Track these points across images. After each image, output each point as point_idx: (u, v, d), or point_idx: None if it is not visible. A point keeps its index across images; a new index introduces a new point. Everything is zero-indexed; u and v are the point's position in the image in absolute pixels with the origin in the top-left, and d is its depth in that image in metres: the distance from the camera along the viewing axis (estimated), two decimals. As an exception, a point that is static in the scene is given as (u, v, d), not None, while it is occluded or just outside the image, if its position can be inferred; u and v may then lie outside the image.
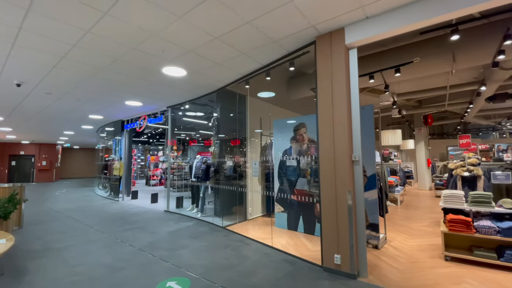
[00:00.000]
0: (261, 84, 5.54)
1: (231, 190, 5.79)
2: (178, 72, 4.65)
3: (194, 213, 6.78)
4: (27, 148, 18.49)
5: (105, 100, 6.61)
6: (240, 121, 6.42)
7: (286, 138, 5.29)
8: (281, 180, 5.29)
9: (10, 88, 5.42)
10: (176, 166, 12.83)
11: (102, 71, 4.58)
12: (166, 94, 6.14)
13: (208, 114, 10.95)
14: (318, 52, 3.46)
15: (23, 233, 4.98)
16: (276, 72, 4.80)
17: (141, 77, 4.89)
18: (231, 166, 5.14)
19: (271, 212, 6.34)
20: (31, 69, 4.45)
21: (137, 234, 4.92)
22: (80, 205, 8.34)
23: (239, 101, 6.23)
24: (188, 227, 5.43)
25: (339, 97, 3.21)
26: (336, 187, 3.17)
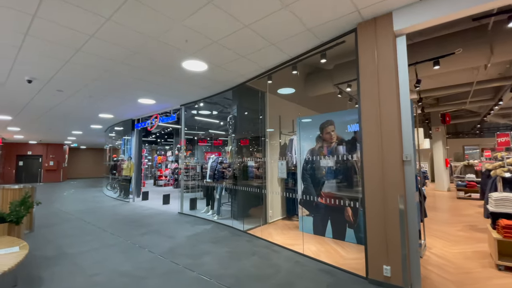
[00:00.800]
0: (280, 80, 5.24)
1: (250, 191, 5.48)
2: (199, 67, 4.35)
3: (210, 216, 6.49)
4: (34, 148, 18.40)
5: (118, 97, 6.35)
6: (258, 119, 6.11)
7: (311, 136, 4.96)
8: (306, 181, 4.96)
9: (21, 84, 5.18)
10: (185, 166, 12.57)
11: (119, 66, 4.30)
12: (182, 91, 5.85)
13: (220, 113, 10.67)
14: (360, 41, 3.13)
15: (34, 237, 4.73)
16: (295, 67, 4.48)
17: (159, 72, 4.61)
18: (252, 167, 4.85)
19: (291, 215, 6.02)
20: (43, 64, 4.19)
21: (154, 238, 4.63)
22: (90, 206, 8.10)
23: (257, 98, 5.92)
24: (207, 230, 5.13)
25: (387, 90, 2.88)
26: (385, 190, 2.84)
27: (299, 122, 5.23)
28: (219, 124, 13.25)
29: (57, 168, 19.04)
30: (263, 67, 4.47)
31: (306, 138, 5.06)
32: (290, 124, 6.63)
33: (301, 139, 5.15)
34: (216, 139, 18.02)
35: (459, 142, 15.60)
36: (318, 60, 4.70)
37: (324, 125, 4.79)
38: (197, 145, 18.12)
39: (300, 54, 3.98)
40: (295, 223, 5.60)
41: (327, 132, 4.73)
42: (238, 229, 5.16)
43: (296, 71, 4.46)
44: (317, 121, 4.94)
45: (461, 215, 6.47)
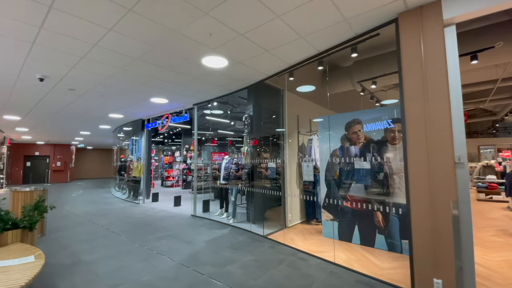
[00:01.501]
0: (296, 78, 5.01)
1: (267, 194, 5.23)
2: (219, 63, 4.12)
3: (225, 219, 6.26)
4: (42, 148, 18.36)
5: (130, 97, 6.14)
6: (276, 119, 5.87)
7: (335, 136, 4.70)
8: (330, 184, 4.70)
9: (32, 83, 4.99)
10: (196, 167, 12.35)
11: (135, 63, 4.08)
12: (197, 90, 5.62)
13: (230, 113, 10.45)
14: (402, 32, 2.87)
15: (47, 242, 4.54)
16: (314, 65, 4.22)
17: (176, 69, 4.38)
18: (273, 168, 4.60)
19: (311, 219, 5.76)
20: (57, 60, 3.98)
21: (172, 244, 4.41)
22: (100, 208, 7.92)
23: (275, 96, 5.68)
24: (225, 235, 4.90)
25: (436, 85, 2.61)
26: (433, 195, 2.58)
27: (321, 121, 4.98)
28: (228, 124, 13.06)
29: (64, 169, 18.99)
30: (286, 63, 4.22)
31: (329, 138, 4.80)
32: (307, 123, 6.38)
33: (323, 139, 4.89)
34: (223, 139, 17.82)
35: (474, 142, 15.18)
36: (336, 57, 4.46)
37: (351, 124, 4.52)
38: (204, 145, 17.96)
39: (329, 49, 3.72)
40: (315, 228, 5.34)
41: (354, 131, 4.47)
42: (258, 233, 4.92)
43: (321, 67, 4.22)
44: (342, 119, 4.67)
45: (488, 219, 6.16)
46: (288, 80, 4.62)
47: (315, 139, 5.71)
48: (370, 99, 6.44)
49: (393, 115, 4.08)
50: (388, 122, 4.12)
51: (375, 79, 5.19)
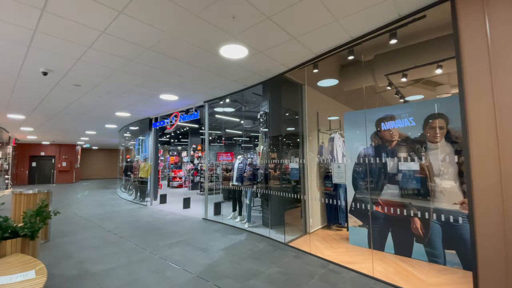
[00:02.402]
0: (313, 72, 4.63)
1: (286, 196, 4.83)
2: (238, 53, 3.72)
3: (239, 223, 5.87)
4: (47, 149, 18.20)
5: (138, 93, 5.79)
6: (294, 116, 5.47)
7: (364, 134, 4.28)
8: (359, 187, 4.28)
9: (35, 78, 4.66)
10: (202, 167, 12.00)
11: (146, 53, 3.71)
12: (210, 85, 5.24)
13: (238, 112, 10.07)
14: (461, 12, 2.44)
15: (51, 249, 4.19)
16: (331, 58, 3.83)
17: (191, 61, 4.00)
18: (296, 169, 4.19)
19: (332, 223, 5.34)
20: (60, 51, 3.63)
21: (186, 252, 4.03)
22: (107, 211, 7.59)
23: (294, 91, 5.27)
24: (242, 242, 4.51)
25: (506, 73, 2.19)
26: (508, 199, 2.15)
27: (348, 118, 4.56)
28: (236, 123, 12.68)
29: (70, 169, 18.81)
30: (312, 53, 3.81)
31: (356, 136, 4.38)
32: (326, 120, 5.96)
33: (350, 138, 4.47)
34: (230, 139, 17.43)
35: None
36: (356, 50, 4.06)
37: (382, 120, 4.09)
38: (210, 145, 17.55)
39: (363, 35, 3.31)
40: (339, 234, 4.93)
41: (387, 129, 4.04)
42: (278, 240, 4.51)
43: (352, 56, 3.81)
44: (371, 115, 4.25)
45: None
46: (308, 73, 4.22)
47: (337, 138, 5.29)
48: (396, 94, 5.99)
49: (434, 109, 3.65)
50: (409, 120, 3.69)
51: (405, 71, 4.75)
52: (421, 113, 3.76)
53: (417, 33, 4.32)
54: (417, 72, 4.98)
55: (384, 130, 4.06)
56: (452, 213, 3.39)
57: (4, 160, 13.06)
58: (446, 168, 3.56)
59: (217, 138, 18.15)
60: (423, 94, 7.25)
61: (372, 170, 4.18)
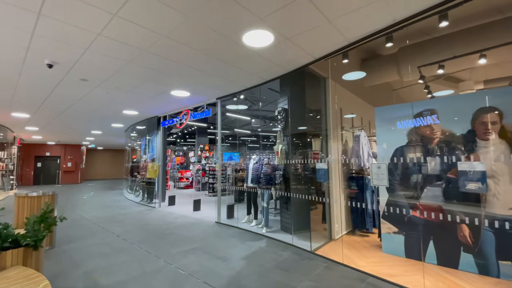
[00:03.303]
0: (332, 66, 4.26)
1: (310, 199, 4.43)
2: (263, 40, 3.34)
3: (254, 227, 5.49)
4: (52, 149, 18.00)
5: (149, 89, 5.44)
6: (316, 112, 5.08)
7: (398, 131, 3.87)
8: (393, 189, 3.88)
9: (40, 71, 4.33)
10: (210, 168, 11.65)
11: (160, 42, 3.35)
12: (227, 79, 4.87)
13: (248, 110, 9.71)
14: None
15: (56, 257, 3.84)
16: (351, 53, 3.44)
17: (209, 50, 3.63)
18: (324, 170, 3.78)
19: (358, 229, 4.93)
20: (67, 39, 3.29)
21: (203, 260, 3.66)
22: (114, 213, 7.26)
23: (316, 85, 4.89)
24: (264, 250, 4.12)
25: None
26: None
27: (380, 113, 4.16)
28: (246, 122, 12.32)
29: (75, 170, 18.60)
30: (346, 39, 3.41)
31: (390, 133, 3.97)
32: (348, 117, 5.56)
33: (383, 135, 4.06)
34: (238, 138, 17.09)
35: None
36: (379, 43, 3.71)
37: (421, 114, 3.68)
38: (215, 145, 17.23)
39: (409, 17, 2.91)
40: (367, 240, 4.52)
41: (427, 124, 3.63)
42: (303, 248, 4.12)
43: (391, 43, 3.41)
44: (406, 111, 3.84)
45: None
46: (331, 66, 3.84)
47: (362, 136, 4.90)
48: (425, 88, 5.57)
49: (485, 103, 3.24)
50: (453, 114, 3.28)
51: (442, 62, 4.33)
52: (468, 106, 3.35)
53: (458, 20, 3.91)
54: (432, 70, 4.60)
55: (423, 126, 3.65)
56: (508, 219, 2.98)
57: (9, 161, 12.84)
58: (500, 169, 3.14)
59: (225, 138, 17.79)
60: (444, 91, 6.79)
61: (409, 171, 3.76)
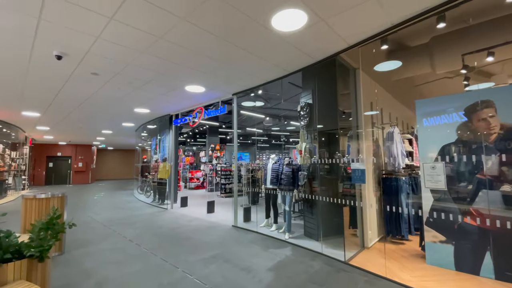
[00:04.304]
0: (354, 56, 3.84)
1: (335, 203, 4.00)
2: (294, 22, 2.94)
3: (275, 232, 5.09)
4: (64, 149, 18.04)
5: (163, 84, 5.11)
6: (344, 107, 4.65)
7: (445, 127, 3.41)
8: (440, 192, 3.41)
9: (49, 64, 4.05)
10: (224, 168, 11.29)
11: (178, 26, 2.99)
12: (246, 71, 4.49)
13: (261, 108, 9.32)
14: None
15: (66, 265, 3.53)
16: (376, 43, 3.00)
17: (231, 37, 3.25)
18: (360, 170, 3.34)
19: (393, 235, 4.46)
20: (77, 25, 2.96)
21: (225, 271, 3.28)
22: (126, 215, 6.98)
23: (344, 78, 4.46)
24: (291, 260, 3.71)
25: None
26: None
27: (421, 107, 3.70)
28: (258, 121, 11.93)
29: (86, 170, 18.59)
30: (389, 21, 2.98)
31: (435, 129, 3.51)
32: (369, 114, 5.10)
33: (425, 131, 3.60)
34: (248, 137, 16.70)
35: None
36: (410, 31, 3.31)
37: (475, 108, 3.21)
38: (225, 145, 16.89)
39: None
40: (403, 249, 4.06)
41: (481, 118, 3.16)
42: (335, 258, 3.69)
43: (442, 24, 2.96)
44: (454, 103, 3.38)
45: None
46: (362, 55, 3.42)
47: (396, 133, 4.44)
48: (464, 80, 5.07)
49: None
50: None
51: (491, 49, 3.83)
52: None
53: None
54: (471, 59, 4.17)
55: (478, 120, 3.18)
56: None
57: (21, 161, 12.81)
58: None
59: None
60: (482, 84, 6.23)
61: (460, 172, 3.29)
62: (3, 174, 10.49)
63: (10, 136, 10.87)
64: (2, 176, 10.35)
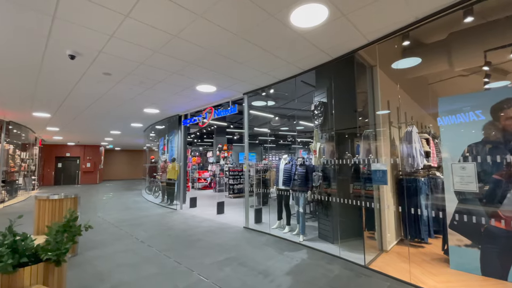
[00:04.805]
0: None
1: (351, 204, 3.88)
2: (315, 17, 2.84)
3: (288, 234, 4.99)
4: (72, 149, 18.20)
5: (173, 84, 5.05)
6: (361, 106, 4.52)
7: (470, 125, 3.27)
8: (466, 194, 3.26)
9: (61, 64, 4.02)
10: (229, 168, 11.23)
11: (194, 24, 2.91)
12: (260, 70, 4.40)
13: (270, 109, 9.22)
14: None
15: (80, 267, 3.49)
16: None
17: (248, 34, 3.16)
18: (383, 171, 3.21)
19: (412, 238, 4.32)
20: (92, 24, 2.91)
21: (242, 275, 3.19)
22: (135, 216, 6.95)
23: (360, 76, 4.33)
24: (308, 263, 3.61)
25: None
26: None
27: (445, 104, 3.56)
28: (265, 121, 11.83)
29: (94, 170, 18.73)
30: (415, 15, 2.86)
31: (459, 128, 3.37)
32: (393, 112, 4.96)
33: (449, 131, 3.46)
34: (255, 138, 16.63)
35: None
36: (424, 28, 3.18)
37: (502, 106, 3.07)
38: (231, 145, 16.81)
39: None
40: (424, 252, 3.92)
41: (509, 116, 3.01)
42: (354, 262, 3.57)
43: (470, 18, 2.83)
44: (480, 101, 3.23)
45: None
46: (380, 52, 3.31)
47: (414, 132, 4.30)
48: (485, 77, 4.89)
49: None
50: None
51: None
52: None
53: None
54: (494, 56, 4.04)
55: (505, 119, 3.03)
56: None
57: (31, 161, 12.94)
58: None
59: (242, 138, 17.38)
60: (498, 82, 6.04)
61: (487, 172, 3.15)
62: (14, 174, 10.60)
63: (20, 137, 10.97)
64: (13, 177, 10.45)
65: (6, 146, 9.41)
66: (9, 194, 9.86)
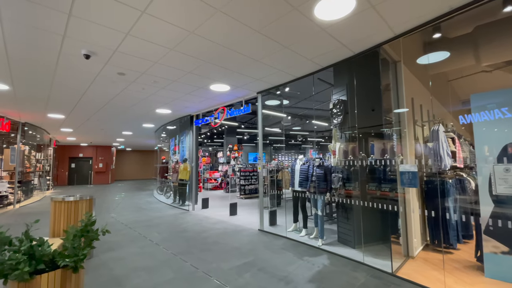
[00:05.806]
0: None
1: (375, 208, 3.67)
2: (341, 9, 2.66)
3: (305, 237, 4.82)
4: (85, 150, 18.48)
5: (187, 83, 4.95)
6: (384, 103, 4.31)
7: (505, 123, 3.02)
8: (503, 197, 3.02)
9: (76, 64, 3.97)
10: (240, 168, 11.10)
11: (212, 19, 2.78)
12: (277, 67, 4.24)
13: (280, 108, 9.05)
14: None
15: (95, 271, 3.42)
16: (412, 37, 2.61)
17: (267, 29, 3.01)
18: (412, 173, 2.99)
19: (437, 243, 4.08)
20: (108, 21, 2.82)
21: (262, 282, 3.04)
22: (149, 217, 6.91)
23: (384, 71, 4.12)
24: (330, 270, 3.43)
25: None
26: None
27: (475, 101, 3.32)
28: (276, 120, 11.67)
29: (106, 170, 18.97)
30: (449, 4, 2.65)
31: (495, 126, 3.13)
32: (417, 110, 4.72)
33: (481, 130, 3.22)
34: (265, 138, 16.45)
35: None
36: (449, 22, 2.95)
37: (547, 102, 2.81)
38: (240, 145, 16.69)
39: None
40: (453, 259, 3.67)
41: (555, 113, 2.75)
42: (379, 269, 3.37)
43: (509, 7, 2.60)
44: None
45: None
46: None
47: (441, 131, 4.06)
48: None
49: None
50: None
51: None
52: None
53: None
54: None
55: (551, 116, 2.78)
56: None
57: (45, 162, 13.16)
58: None
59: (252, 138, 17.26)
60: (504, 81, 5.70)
61: (528, 175, 2.90)
62: (29, 175, 10.78)
63: (35, 138, 11.16)
64: (28, 177, 10.63)
65: (22, 147, 9.57)
66: (24, 194, 10.02)
